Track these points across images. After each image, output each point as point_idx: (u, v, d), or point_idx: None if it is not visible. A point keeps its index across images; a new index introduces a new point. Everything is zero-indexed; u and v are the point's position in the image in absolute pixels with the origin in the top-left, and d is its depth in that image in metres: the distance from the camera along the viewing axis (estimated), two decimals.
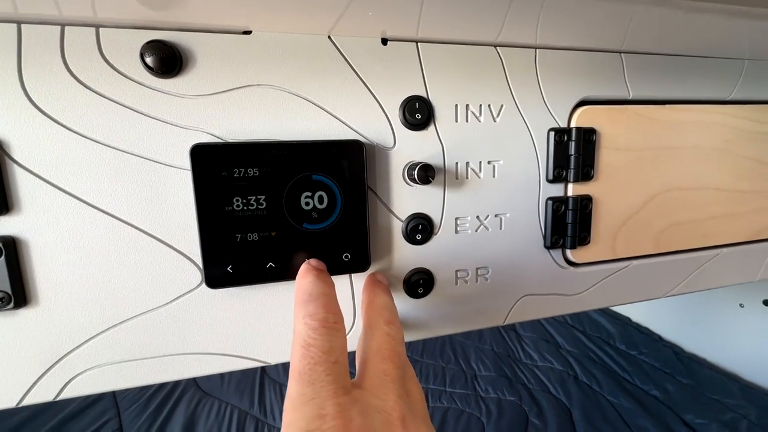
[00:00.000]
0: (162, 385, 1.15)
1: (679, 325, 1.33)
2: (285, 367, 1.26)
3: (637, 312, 1.48)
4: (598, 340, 1.38)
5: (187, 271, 0.32)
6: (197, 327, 0.33)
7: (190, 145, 0.29)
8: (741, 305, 1.14)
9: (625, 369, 1.23)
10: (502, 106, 0.37)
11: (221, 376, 1.18)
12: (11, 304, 0.28)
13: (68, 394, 0.31)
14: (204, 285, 0.32)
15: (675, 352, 1.27)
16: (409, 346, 1.36)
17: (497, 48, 0.36)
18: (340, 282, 0.35)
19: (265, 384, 1.16)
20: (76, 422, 1.02)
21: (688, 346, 1.29)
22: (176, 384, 1.16)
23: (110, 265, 0.30)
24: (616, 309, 1.55)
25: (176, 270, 0.31)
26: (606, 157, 0.41)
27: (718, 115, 0.45)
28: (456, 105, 0.36)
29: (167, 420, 1.06)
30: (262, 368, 1.21)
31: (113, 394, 1.12)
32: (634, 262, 0.45)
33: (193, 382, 1.18)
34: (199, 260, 0.31)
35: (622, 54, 0.40)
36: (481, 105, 0.36)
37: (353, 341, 0.37)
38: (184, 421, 1.05)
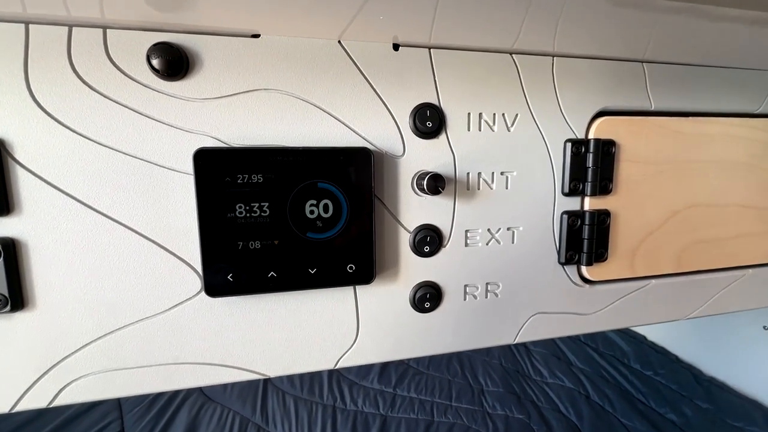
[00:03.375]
0: None
1: (698, 346, 1.27)
2: (288, 375, 1.25)
3: (653, 331, 1.43)
4: (611, 359, 1.33)
5: (187, 279, 0.31)
6: (196, 336, 0.32)
7: (194, 150, 0.29)
8: (765, 327, 1.08)
9: (640, 390, 1.18)
10: (516, 115, 0.36)
11: None
12: (8, 307, 0.28)
13: (62, 401, 0.30)
14: (203, 293, 0.31)
15: (693, 374, 1.21)
16: (415, 358, 1.33)
17: (512, 55, 0.35)
18: (344, 294, 0.34)
19: (268, 391, 1.15)
20: (78, 423, 1.02)
21: (707, 369, 1.23)
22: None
23: (109, 270, 0.29)
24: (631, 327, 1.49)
25: (176, 277, 0.30)
26: (625, 170, 0.39)
27: (745, 128, 0.43)
28: (469, 113, 0.35)
29: (169, 424, 1.05)
30: None
31: None
32: (654, 281, 0.43)
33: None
34: (199, 267, 0.31)
35: (644, 63, 0.39)
36: (494, 114, 0.35)
37: (356, 356, 0.35)
38: (185, 426, 1.04)
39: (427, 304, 0.36)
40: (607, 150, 0.38)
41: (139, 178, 0.29)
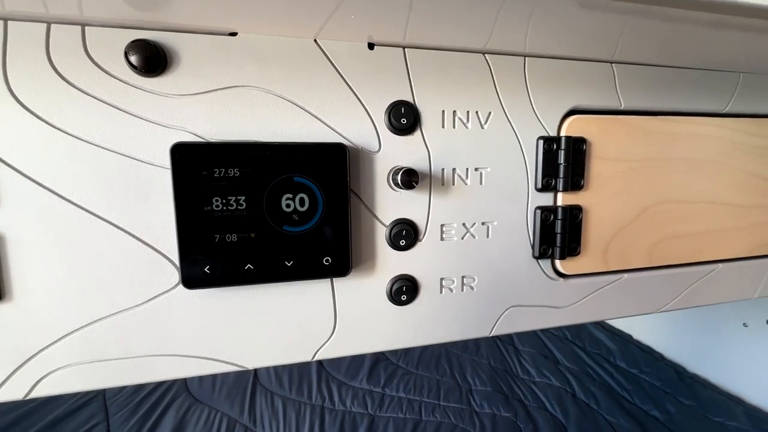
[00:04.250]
0: (152, 390, 1.14)
1: (681, 344, 1.30)
2: (277, 375, 1.25)
3: (638, 330, 1.45)
4: (597, 357, 1.35)
5: (165, 271, 0.31)
6: (173, 328, 0.32)
7: (171, 144, 0.29)
8: (744, 324, 1.11)
9: (625, 387, 1.20)
10: (490, 113, 0.37)
11: (212, 382, 1.17)
12: None
13: (39, 392, 0.31)
14: (181, 285, 0.31)
15: (677, 371, 1.24)
16: (404, 356, 1.33)
17: (485, 55, 0.36)
18: (321, 287, 0.35)
19: (256, 392, 1.15)
20: (64, 425, 1.01)
21: (690, 366, 1.26)
22: (167, 389, 1.15)
23: (87, 262, 0.30)
24: (617, 326, 1.52)
25: (154, 269, 0.31)
26: (597, 167, 0.40)
27: (713, 127, 0.45)
28: (443, 111, 0.36)
29: (156, 425, 1.04)
30: (255, 376, 1.20)
31: (103, 398, 1.11)
32: (626, 275, 0.44)
33: (184, 387, 1.17)
34: (176, 260, 0.31)
35: (613, 64, 0.40)
36: (468, 111, 0.36)
37: (334, 348, 0.36)
38: (172, 427, 1.04)
39: (404, 297, 0.36)
40: (578, 147, 0.39)
41: (116, 172, 0.29)
